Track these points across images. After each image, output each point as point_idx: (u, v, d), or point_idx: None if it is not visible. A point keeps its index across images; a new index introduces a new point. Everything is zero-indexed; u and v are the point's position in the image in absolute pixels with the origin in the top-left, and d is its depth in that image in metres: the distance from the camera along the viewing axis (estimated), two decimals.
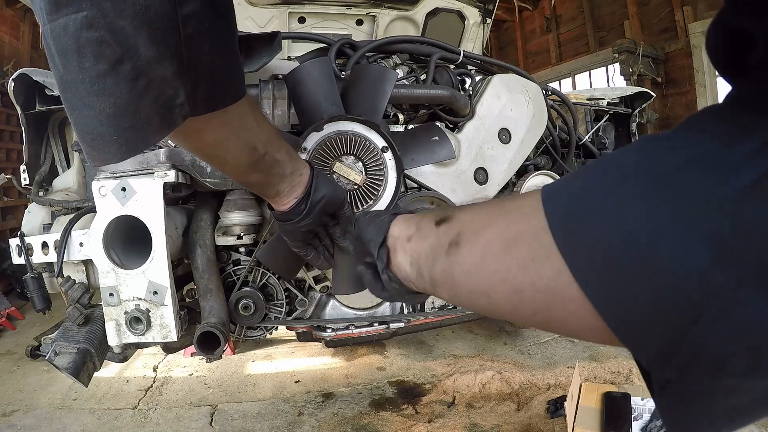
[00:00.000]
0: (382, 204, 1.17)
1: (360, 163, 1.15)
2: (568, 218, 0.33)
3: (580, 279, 0.31)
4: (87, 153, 0.50)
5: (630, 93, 2.42)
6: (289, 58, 1.55)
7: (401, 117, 1.51)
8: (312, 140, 1.12)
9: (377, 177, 1.16)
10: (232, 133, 0.65)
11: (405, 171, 1.30)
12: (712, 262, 0.25)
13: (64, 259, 1.21)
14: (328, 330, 1.66)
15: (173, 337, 1.17)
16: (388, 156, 1.17)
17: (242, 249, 1.40)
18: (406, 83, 1.52)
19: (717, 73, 0.34)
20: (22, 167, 1.55)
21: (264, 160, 0.73)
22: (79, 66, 0.44)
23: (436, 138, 1.34)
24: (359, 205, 1.16)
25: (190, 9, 0.48)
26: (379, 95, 1.27)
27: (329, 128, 1.14)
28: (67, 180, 1.56)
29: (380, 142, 1.17)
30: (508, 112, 1.58)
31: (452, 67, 1.60)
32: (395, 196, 1.17)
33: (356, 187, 1.15)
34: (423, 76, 1.53)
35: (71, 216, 1.28)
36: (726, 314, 0.25)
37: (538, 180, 1.68)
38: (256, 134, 0.69)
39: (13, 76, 1.34)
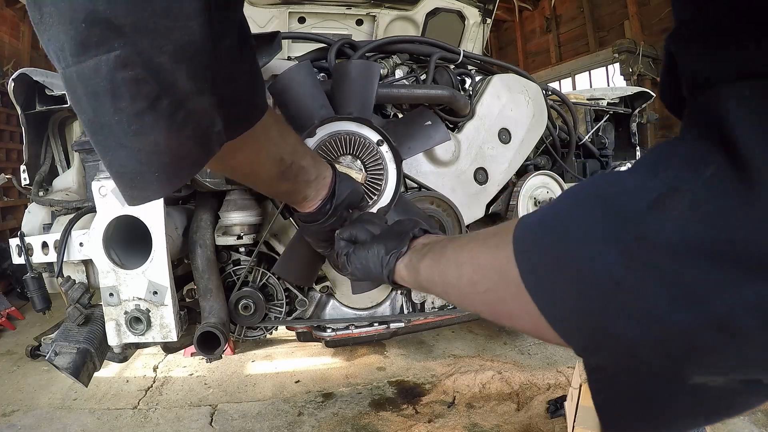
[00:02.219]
0: (386, 196, 1.16)
1: (358, 161, 1.15)
2: (529, 226, 0.41)
3: (522, 273, 0.39)
4: (124, 193, 0.49)
5: (630, 93, 2.42)
6: (289, 58, 1.55)
7: (401, 117, 1.51)
8: (308, 146, 1.12)
9: (377, 171, 1.16)
10: (261, 148, 0.67)
11: (405, 172, 1.30)
12: (619, 264, 0.31)
13: (64, 259, 1.21)
14: (328, 330, 1.66)
15: (173, 337, 1.17)
16: (385, 149, 1.16)
17: (242, 249, 1.40)
18: (406, 83, 1.52)
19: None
20: (22, 167, 1.55)
21: (291, 169, 0.75)
22: (114, 107, 0.42)
23: (429, 122, 1.34)
24: (365, 202, 1.16)
25: (228, 42, 0.47)
26: (367, 90, 1.27)
27: (322, 131, 1.14)
28: (67, 180, 1.56)
29: (374, 137, 1.16)
30: (508, 112, 1.58)
31: (452, 67, 1.60)
32: (398, 187, 1.17)
33: (361, 185, 1.14)
34: (423, 76, 1.53)
35: (71, 216, 1.28)
36: (630, 306, 0.31)
37: (538, 180, 1.68)
38: (281, 145, 0.72)
39: (13, 76, 1.34)
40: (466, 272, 0.50)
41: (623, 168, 2.06)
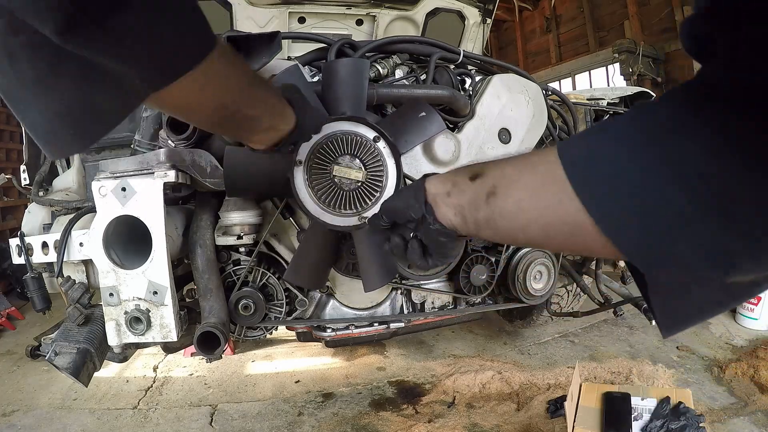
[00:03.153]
0: (388, 192, 1.16)
1: (357, 159, 1.15)
2: (581, 169, 0.45)
3: (593, 214, 0.43)
4: (43, 148, 0.48)
5: (630, 93, 2.42)
6: (289, 58, 1.55)
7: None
8: (304, 151, 1.12)
9: (377, 168, 1.15)
10: (199, 92, 0.61)
11: (405, 172, 1.29)
12: (684, 197, 0.37)
13: (64, 259, 1.21)
14: (328, 330, 1.66)
15: (173, 337, 1.17)
16: (382, 145, 1.16)
17: (242, 249, 1.40)
18: (406, 83, 1.52)
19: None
20: (22, 167, 1.55)
21: (234, 117, 0.70)
22: (12, 70, 0.42)
23: (424, 113, 1.33)
24: (368, 200, 1.16)
25: None
26: (358, 87, 1.27)
27: (317, 135, 1.14)
28: (67, 180, 1.56)
29: (370, 134, 1.16)
30: (508, 112, 1.58)
31: (452, 67, 1.60)
32: (398, 181, 1.17)
33: (360, 183, 1.14)
34: (423, 76, 1.53)
35: (71, 216, 1.28)
36: (692, 233, 0.37)
37: None
38: (224, 91, 0.65)
39: None
40: (534, 233, 0.52)
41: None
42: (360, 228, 1.16)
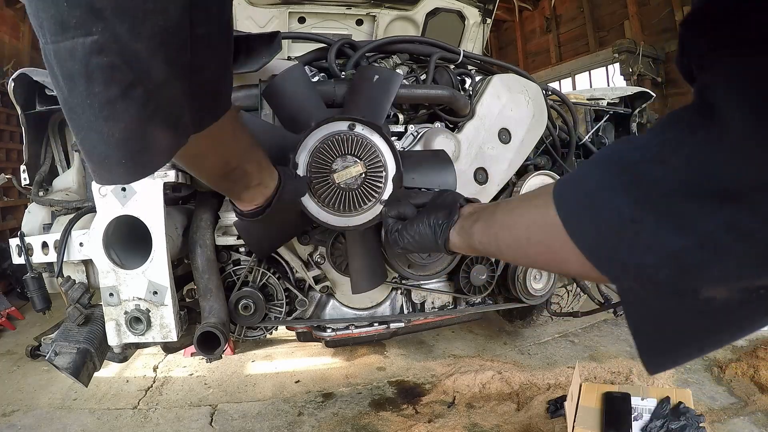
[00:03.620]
0: (392, 168, 1.16)
1: (348, 156, 1.14)
2: (563, 186, 0.52)
3: (565, 223, 0.48)
4: (94, 172, 0.49)
5: (630, 93, 2.42)
6: (289, 58, 1.55)
7: (401, 117, 1.51)
8: (302, 161, 1.12)
9: (370, 153, 1.15)
10: (212, 147, 0.67)
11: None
12: (630, 205, 0.41)
13: (64, 259, 1.21)
14: (328, 330, 1.66)
15: (173, 337, 1.17)
16: (360, 128, 1.15)
17: (242, 249, 1.40)
18: (406, 83, 1.52)
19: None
20: (22, 167, 1.55)
21: (235, 172, 0.76)
22: (87, 91, 0.42)
23: (378, 76, 1.28)
24: (379, 184, 1.15)
25: (203, 30, 0.47)
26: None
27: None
28: (67, 180, 1.56)
29: (343, 126, 1.14)
30: (508, 112, 1.58)
31: (452, 67, 1.60)
32: (394, 153, 1.16)
33: (363, 174, 1.14)
34: (423, 76, 1.53)
35: (71, 216, 1.28)
36: (642, 237, 0.40)
37: (537, 180, 1.68)
38: (232, 147, 0.72)
39: (13, 76, 1.34)
40: (518, 232, 0.59)
41: None
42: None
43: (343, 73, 1.42)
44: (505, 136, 1.57)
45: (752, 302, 0.39)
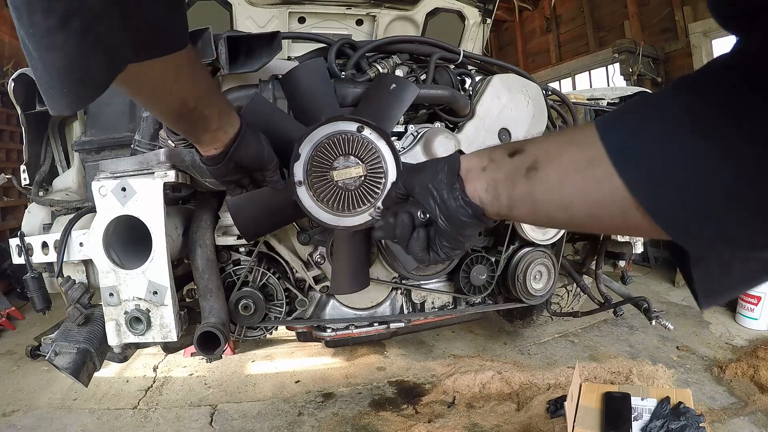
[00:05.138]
0: (392, 176, 1.16)
1: (351, 157, 1.14)
2: (623, 149, 0.44)
3: (637, 195, 0.43)
4: (46, 102, 0.50)
5: (630, 93, 2.42)
6: (289, 58, 1.55)
7: (401, 117, 1.51)
8: (300, 170, 1.11)
9: (373, 156, 1.15)
10: (166, 84, 0.67)
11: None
12: (736, 179, 0.37)
13: (64, 259, 1.21)
14: (328, 330, 1.66)
15: (173, 337, 1.16)
16: (368, 132, 1.15)
17: (242, 249, 1.40)
18: None
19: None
20: (22, 167, 1.55)
21: (192, 114, 0.76)
22: (29, 21, 0.44)
23: (394, 85, 1.29)
24: (376, 189, 1.15)
25: None
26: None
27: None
28: (67, 180, 1.56)
29: (351, 126, 1.15)
30: (508, 112, 1.58)
31: (452, 67, 1.60)
32: (397, 162, 1.16)
33: (363, 177, 1.14)
34: (423, 76, 1.53)
35: (71, 216, 1.28)
36: (745, 215, 0.37)
37: None
38: (189, 88, 0.72)
39: (13, 76, 1.34)
40: (579, 211, 0.50)
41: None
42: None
43: (343, 72, 1.42)
44: (505, 136, 1.57)
45: None
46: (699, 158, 0.39)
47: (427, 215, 0.65)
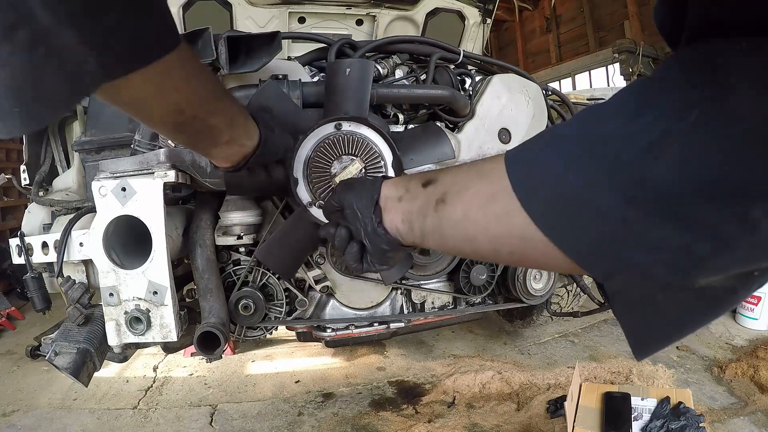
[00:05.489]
0: (385, 151, 1.15)
1: (343, 157, 1.14)
2: (526, 181, 0.45)
3: (542, 226, 0.43)
4: None
5: None
6: (289, 58, 1.55)
7: (401, 117, 1.51)
8: (301, 175, 1.11)
9: (362, 145, 1.14)
10: (155, 93, 0.58)
11: (406, 170, 1.29)
12: (625, 204, 0.37)
13: (64, 259, 1.21)
14: (328, 330, 1.66)
15: (173, 337, 1.16)
16: (347, 126, 1.14)
17: (242, 249, 1.40)
18: (406, 83, 1.52)
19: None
20: (22, 167, 1.55)
21: (192, 123, 0.67)
22: None
23: (349, 69, 1.23)
24: (381, 170, 1.15)
25: None
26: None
27: (300, 158, 1.13)
28: (67, 180, 1.56)
29: (329, 128, 1.13)
30: (508, 112, 1.58)
31: (452, 67, 1.60)
32: (382, 134, 1.15)
33: (363, 170, 1.13)
34: (423, 76, 1.53)
35: (71, 216, 1.28)
36: (638, 237, 0.37)
37: None
38: (183, 94, 0.62)
39: None
40: (482, 245, 0.51)
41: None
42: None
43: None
44: (505, 136, 1.57)
45: (743, 285, 0.39)
46: (591, 185, 0.39)
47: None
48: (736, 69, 0.33)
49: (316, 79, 1.46)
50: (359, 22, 2.88)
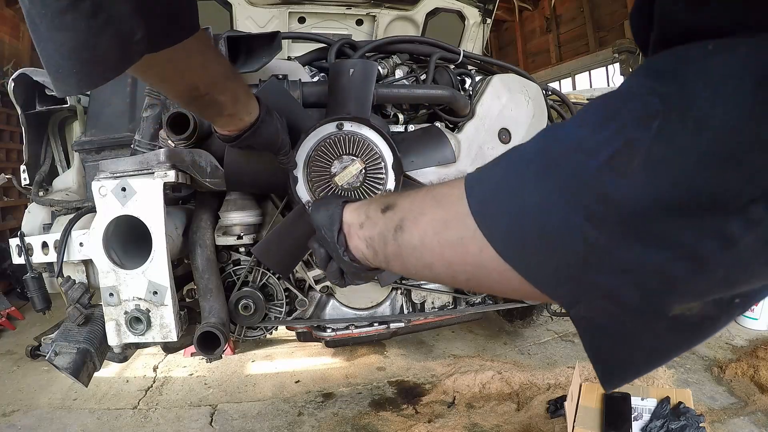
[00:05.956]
0: (386, 152, 1.15)
1: (344, 156, 1.14)
2: (485, 204, 0.43)
3: (500, 251, 0.40)
4: (52, 83, 0.51)
5: None
6: (289, 58, 1.55)
7: (401, 117, 1.51)
8: (301, 174, 1.10)
9: (362, 146, 1.14)
10: (177, 71, 0.67)
11: (406, 172, 1.29)
12: (586, 223, 0.34)
13: (64, 259, 1.21)
14: (328, 330, 1.66)
15: (173, 337, 1.16)
16: (348, 125, 1.14)
17: (242, 249, 1.40)
18: (406, 83, 1.52)
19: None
20: (22, 167, 1.55)
21: (203, 98, 0.76)
22: (42, 2, 0.44)
23: (352, 70, 1.25)
24: (380, 180, 1.14)
25: None
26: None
27: (301, 157, 1.13)
28: (67, 180, 1.56)
29: (331, 127, 1.13)
30: (508, 112, 1.58)
31: (452, 67, 1.60)
32: (383, 135, 1.15)
33: (363, 170, 1.13)
34: (423, 76, 1.53)
35: (71, 216, 1.28)
36: (603, 259, 0.34)
37: None
38: (200, 74, 0.71)
39: (13, 76, 1.35)
40: (440, 271, 0.50)
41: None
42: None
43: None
44: (505, 136, 1.57)
45: (722, 313, 0.36)
46: (550, 203, 0.36)
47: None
48: (701, 74, 0.31)
49: (316, 79, 1.46)
50: (359, 22, 2.88)
